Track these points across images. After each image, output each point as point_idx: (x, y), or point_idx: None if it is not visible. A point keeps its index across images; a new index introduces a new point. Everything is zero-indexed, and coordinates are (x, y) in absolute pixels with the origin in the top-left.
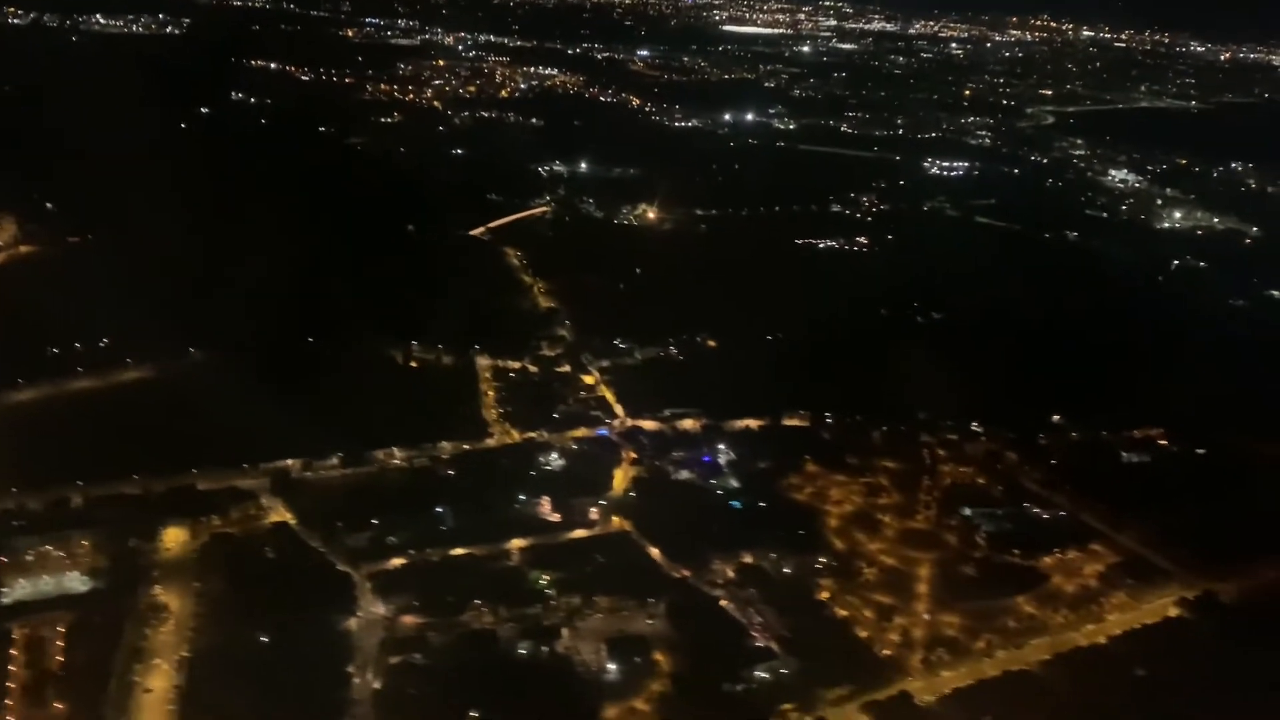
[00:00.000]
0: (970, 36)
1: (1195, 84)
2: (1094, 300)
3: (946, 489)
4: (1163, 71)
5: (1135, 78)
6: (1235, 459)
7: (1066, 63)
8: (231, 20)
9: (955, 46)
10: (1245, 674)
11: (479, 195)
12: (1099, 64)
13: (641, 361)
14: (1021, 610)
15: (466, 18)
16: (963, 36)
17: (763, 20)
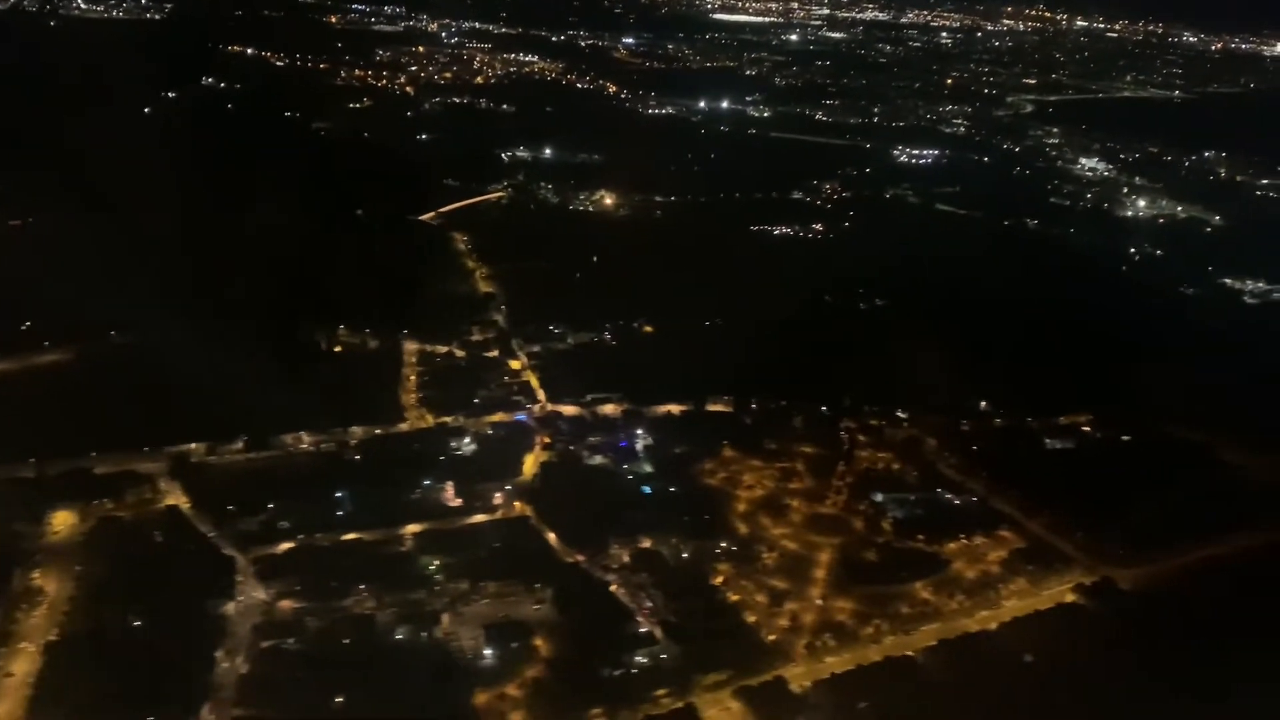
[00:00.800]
0: (962, 26)
1: (1182, 74)
2: (1042, 288)
3: (861, 474)
4: (1151, 61)
5: (1122, 67)
6: (1159, 446)
7: (1055, 52)
8: (214, 6)
9: (945, 36)
10: (1132, 661)
11: (436, 180)
12: (1087, 54)
13: (573, 347)
14: (917, 596)
15: (454, 5)
16: (955, 26)
17: (754, 9)
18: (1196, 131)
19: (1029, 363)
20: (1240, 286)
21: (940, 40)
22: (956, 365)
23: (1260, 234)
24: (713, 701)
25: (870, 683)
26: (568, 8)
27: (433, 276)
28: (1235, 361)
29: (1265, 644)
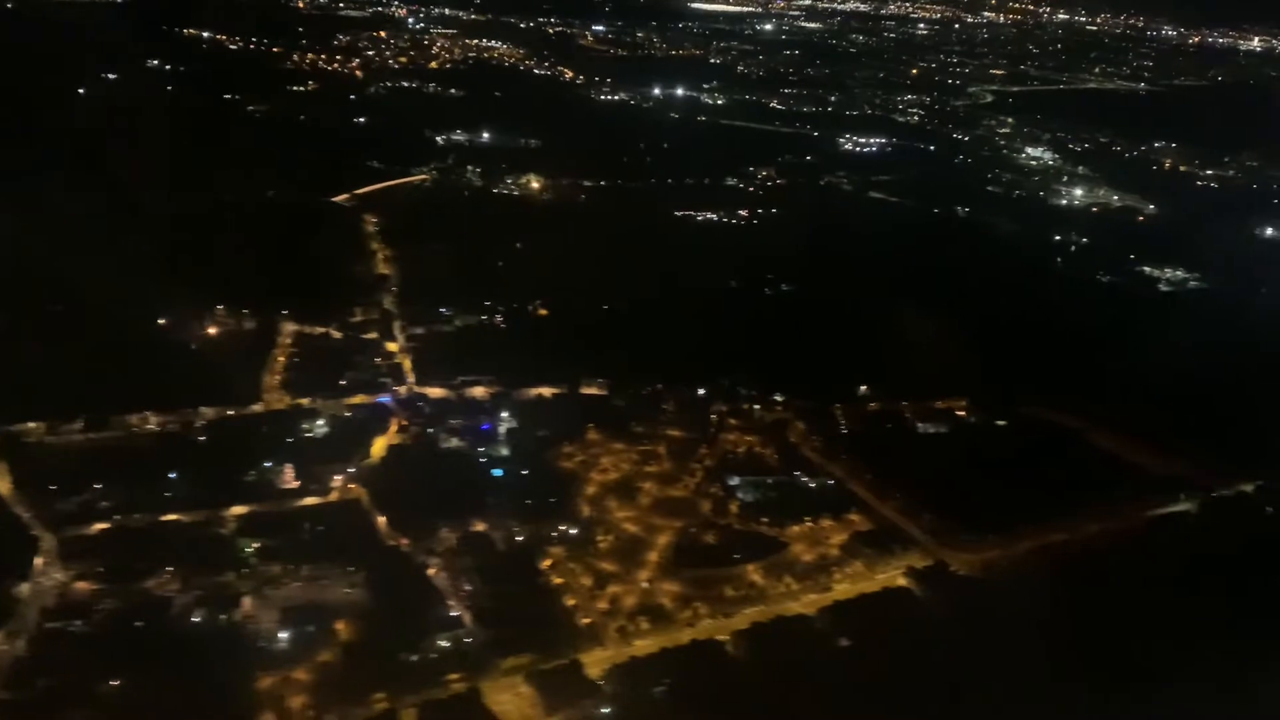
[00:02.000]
0: (942, 18)
1: (1153, 66)
2: (955, 274)
3: (722, 458)
4: (1124, 54)
5: (1094, 59)
6: (1033, 431)
7: (1029, 44)
8: None
9: (923, 27)
10: (949, 647)
11: (360, 163)
12: (1060, 46)
13: (458, 329)
14: (746, 579)
15: None
16: (934, 18)
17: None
18: (1152, 123)
19: (921, 347)
20: (1158, 274)
21: (916, 32)
22: (845, 349)
23: (1190, 224)
24: (505, 686)
25: (671, 666)
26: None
27: (330, 258)
28: (1131, 348)
29: (1078, 635)
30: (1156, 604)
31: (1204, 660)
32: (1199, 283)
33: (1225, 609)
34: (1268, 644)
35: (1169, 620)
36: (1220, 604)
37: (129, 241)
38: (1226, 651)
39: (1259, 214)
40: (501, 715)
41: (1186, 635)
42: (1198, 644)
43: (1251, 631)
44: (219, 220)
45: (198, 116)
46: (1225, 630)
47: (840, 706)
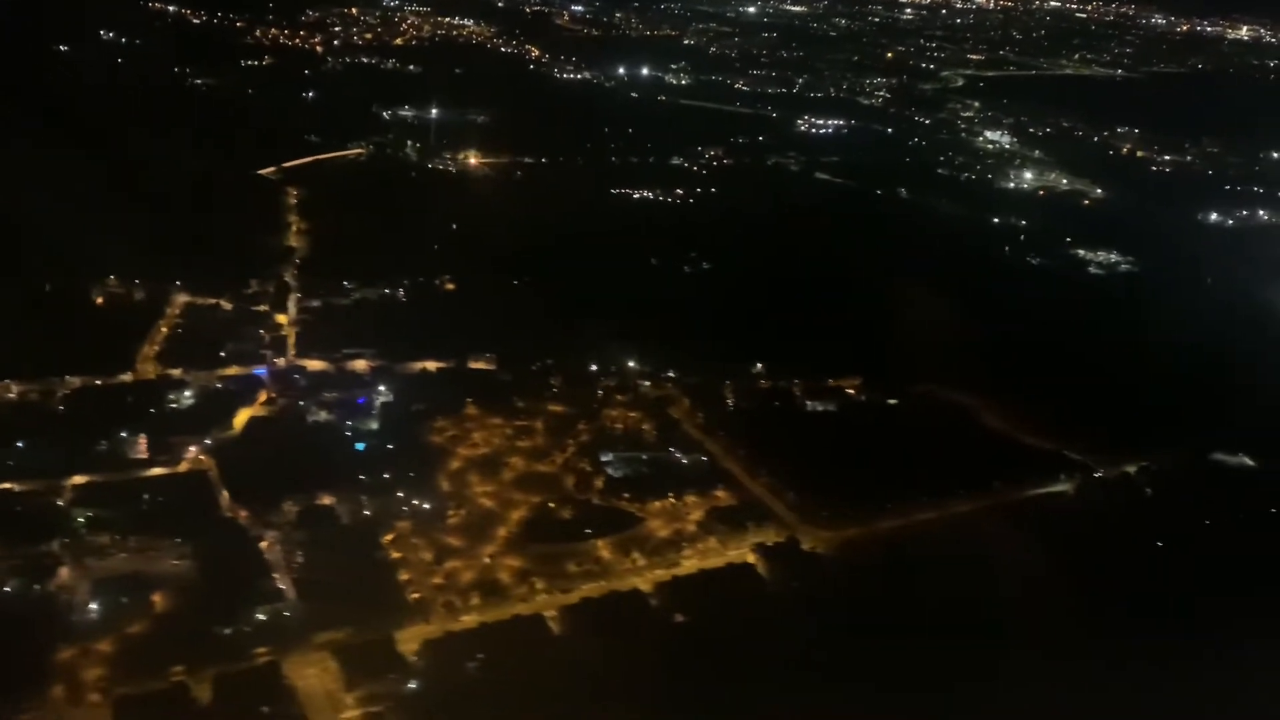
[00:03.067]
0: (930, 3)
1: (1134, 53)
2: (881, 254)
3: (599, 433)
4: (1106, 41)
5: (1076, 45)
6: (923, 410)
7: (1013, 30)
8: None
9: (909, 12)
10: (779, 624)
11: (298, 136)
12: (1044, 32)
13: (355, 302)
14: (593, 555)
15: None
16: (923, 3)
17: None
18: (1119, 109)
19: (827, 326)
20: (1091, 257)
21: (901, 16)
22: (750, 327)
23: (1136, 208)
24: (313, 660)
25: (488, 642)
26: None
27: (240, 230)
28: (1041, 329)
29: (908, 616)
30: (998, 587)
31: (1033, 646)
32: (1130, 266)
33: (1072, 591)
34: (1112, 627)
35: (1005, 603)
36: (1067, 586)
37: (32, 209)
38: (1065, 636)
39: (1207, 199)
40: (304, 689)
41: (1021, 619)
42: (1032, 628)
43: (1096, 615)
44: (131, 190)
45: (138, 89)
46: (1067, 614)
47: (649, 682)
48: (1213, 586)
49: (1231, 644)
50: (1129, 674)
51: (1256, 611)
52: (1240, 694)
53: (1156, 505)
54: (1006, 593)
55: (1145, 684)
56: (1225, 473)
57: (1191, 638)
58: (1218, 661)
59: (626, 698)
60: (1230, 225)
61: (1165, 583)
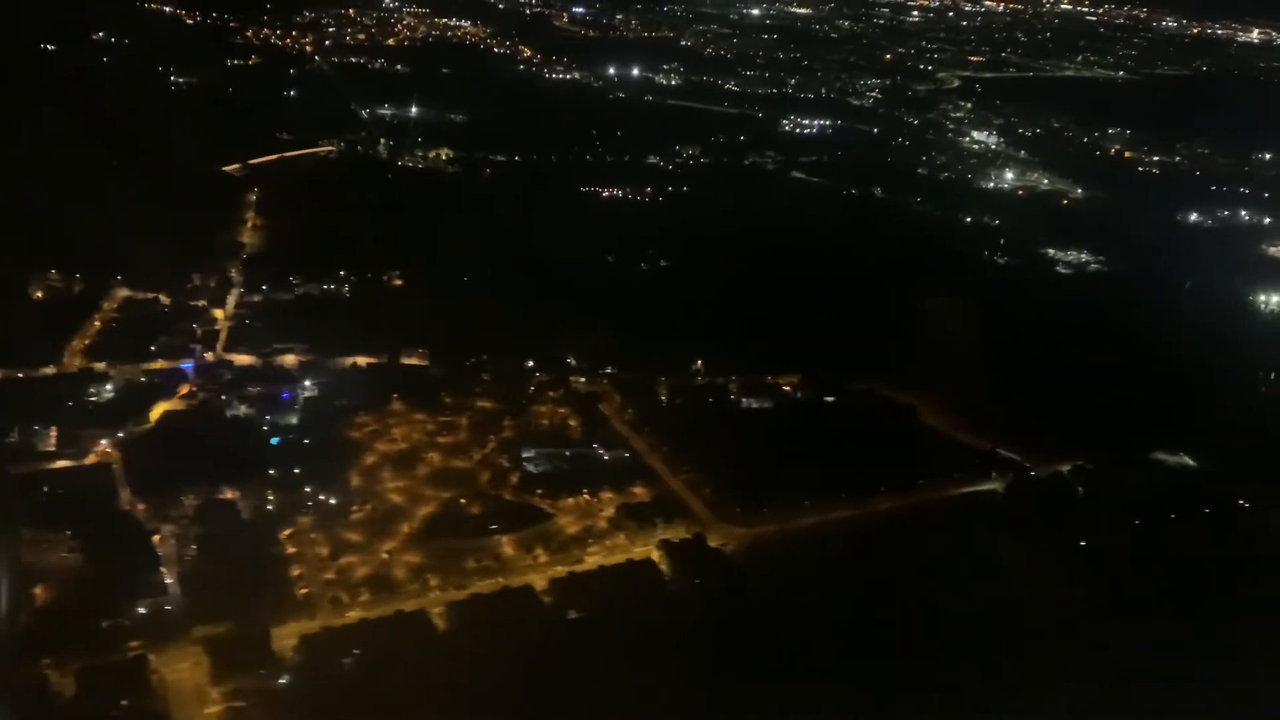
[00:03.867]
0: (939, 6)
1: (1139, 56)
2: (843, 253)
3: (524, 429)
4: (1113, 43)
5: (1080, 48)
6: (860, 408)
7: (1019, 33)
8: None
9: (916, 14)
10: (677, 622)
11: (270, 134)
12: (1049, 34)
13: (297, 297)
14: (495, 551)
15: None
16: (931, 6)
17: None
18: (1114, 110)
19: (778, 323)
20: (1060, 257)
21: (907, 19)
22: (697, 324)
23: (1114, 208)
24: (187, 655)
25: (368, 638)
26: None
27: (194, 225)
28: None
29: (809, 618)
30: (901, 586)
31: (926, 647)
32: (1099, 266)
33: (975, 590)
34: (1017, 630)
35: (904, 603)
36: (973, 585)
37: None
38: (960, 637)
39: (1189, 199)
40: (174, 683)
41: (917, 618)
42: (928, 628)
43: (994, 614)
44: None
45: (117, 86)
46: (966, 614)
47: (529, 678)
48: (1121, 585)
49: (1126, 647)
50: (1021, 674)
51: (1158, 613)
52: (1140, 695)
53: (1084, 504)
54: (907, 592)
55: (1036, 685)
56: (1163, 472)
57: (1080, 639)
58: (1107, 665)
59: (499, 694)
60: (1210, 225)
61: (1074, 582)
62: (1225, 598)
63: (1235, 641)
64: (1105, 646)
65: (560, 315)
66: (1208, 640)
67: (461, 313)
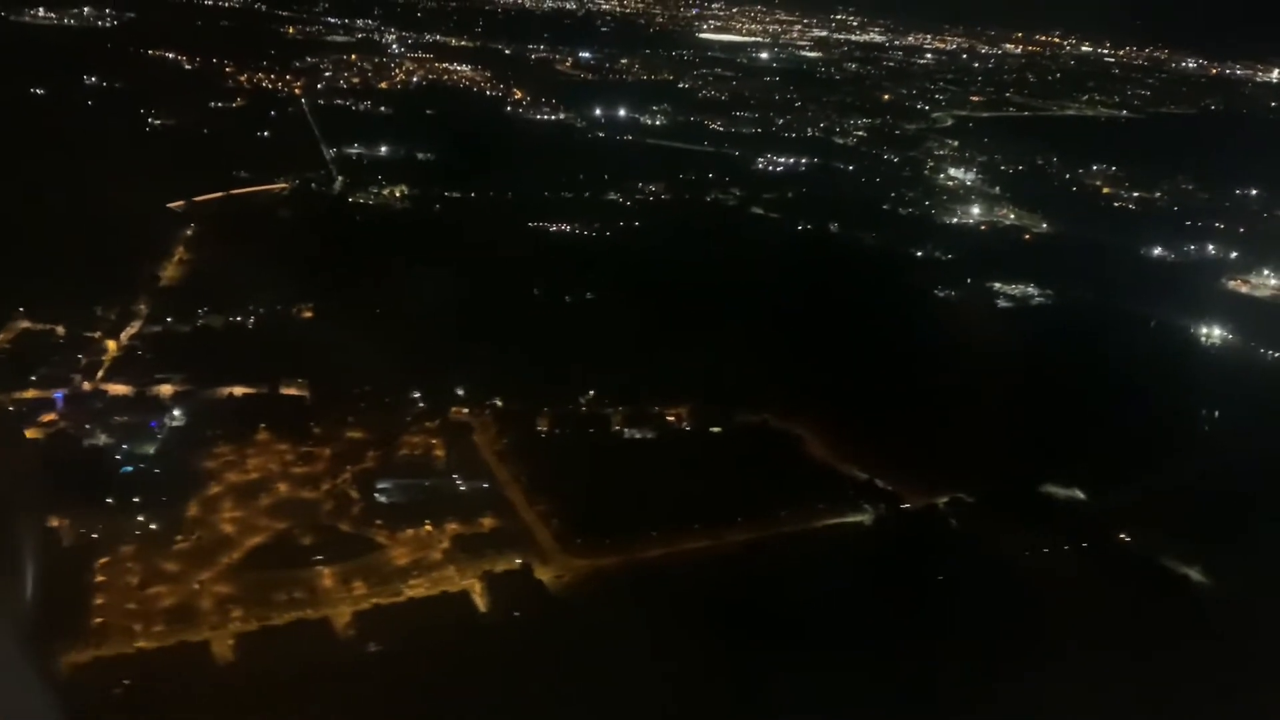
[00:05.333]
0: (958, 49)
1: (1149, 96)
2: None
3: (388, 460)
4: (1124, 84)
5: (1090, 88)
6: (746, 438)
7: (1029, 74)
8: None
9: (929, 57)
10: (480, 654)
11: (228, 172)
12: (1059, 75)
13: (196, 329)
14: (313, 583)
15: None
16: (948, 49)
17: (747, 30)
18: (1105, 148)
19: (687, 355)
20: (1004, 290)
21: (918, 62)
22: (603, 355)
23: (1076, 242)
24: None
25: (137, 670)
26: (556, 26)
27: (117, 259)
28: (913, 361)
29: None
30: (727, 621)
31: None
32: (1043, 299)
33: (807, 626)
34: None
35: (728, 637)
36: (807, 619)
37: None
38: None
39: (1158, 235)
40: None
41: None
42: (754, 663)
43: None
44: (13, 220)
45: (91, 127)
46: (797, 649)
47: (302, 709)
48: (952, 620)
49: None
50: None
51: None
52: None
53: (953, 538)
54: (736, 627)
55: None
56: (1048, 506)
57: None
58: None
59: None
60: (1172, 260)
61: (905, 615)
62: (1050, 635)
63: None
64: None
65: (465, 347)
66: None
67: (361, 344)
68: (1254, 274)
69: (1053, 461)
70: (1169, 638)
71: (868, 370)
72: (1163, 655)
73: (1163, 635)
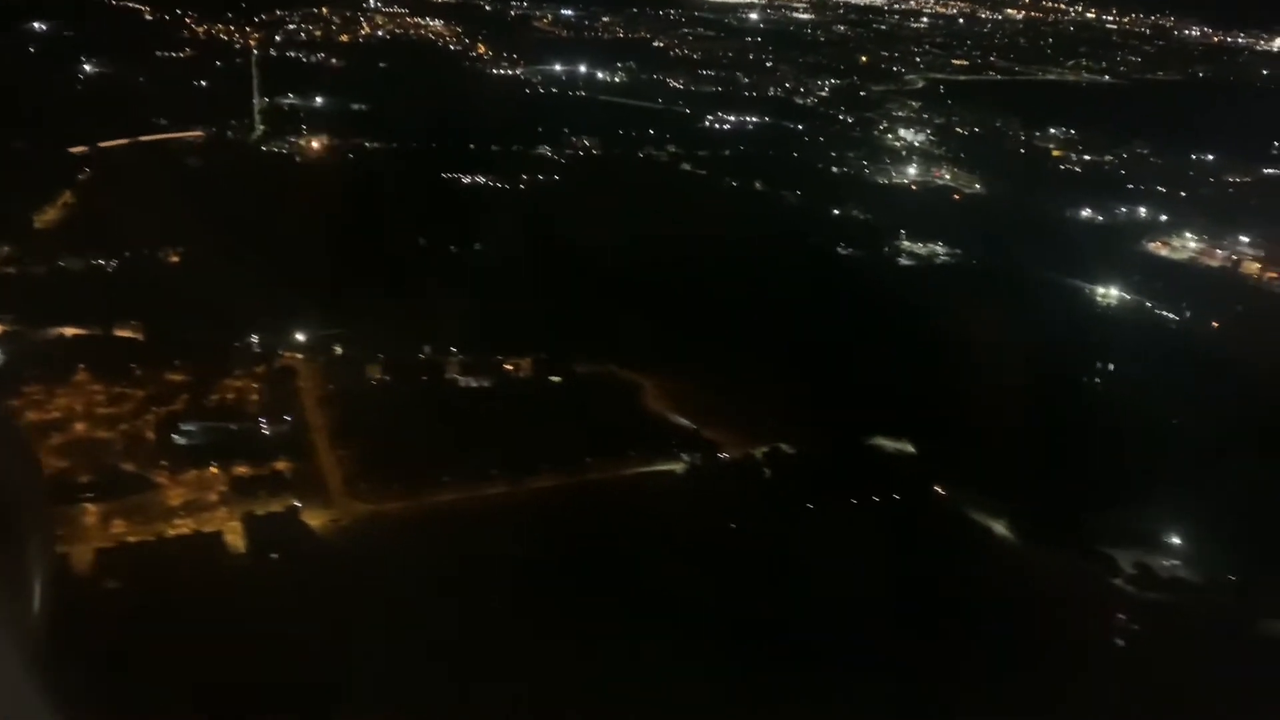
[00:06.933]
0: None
1: (1139, 62)
2: (672, 242)
3: (199, 402)
4: (1117, 50)
5: (1080, 54)
6: (587, 387)
7: (1020, 39)
8: None
9: (925, 21)
10: (232, 597)
11: (146, 119)
12: (1052, 40)
13: (48, 271)
14: (75, 519)
15: None
16: (947, 13)
17: None
18: (1070, 112)
19: (558, 307)
20: (912, 248)
21: (911, 25)
22: (467, 306)
23: (1005, 204)
24: None
25: None
26: None
27: None
28: (787, 316)
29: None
30: (501, 569)
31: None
32: (948, 258)
33: (578, 580)
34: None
35: (488, 587)
36: (581, 573)
37: None
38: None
39: (1094, 197)
40: None
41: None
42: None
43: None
44: None
45: (21, 73)
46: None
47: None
48: (731, 572)
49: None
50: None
51: (754, 602)
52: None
53: (761, 487)
54: (499, 576)
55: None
56: (873, 458)
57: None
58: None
59: None
60: (1099, 221)
61: (694, 566)
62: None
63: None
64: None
65: (326, 295)
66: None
67: (217, 289)
68: (1176, 237)
69: (894, 415)
70: (938, 589)
71: (733, 324)
72: (924, 606)
73: (933, 586)
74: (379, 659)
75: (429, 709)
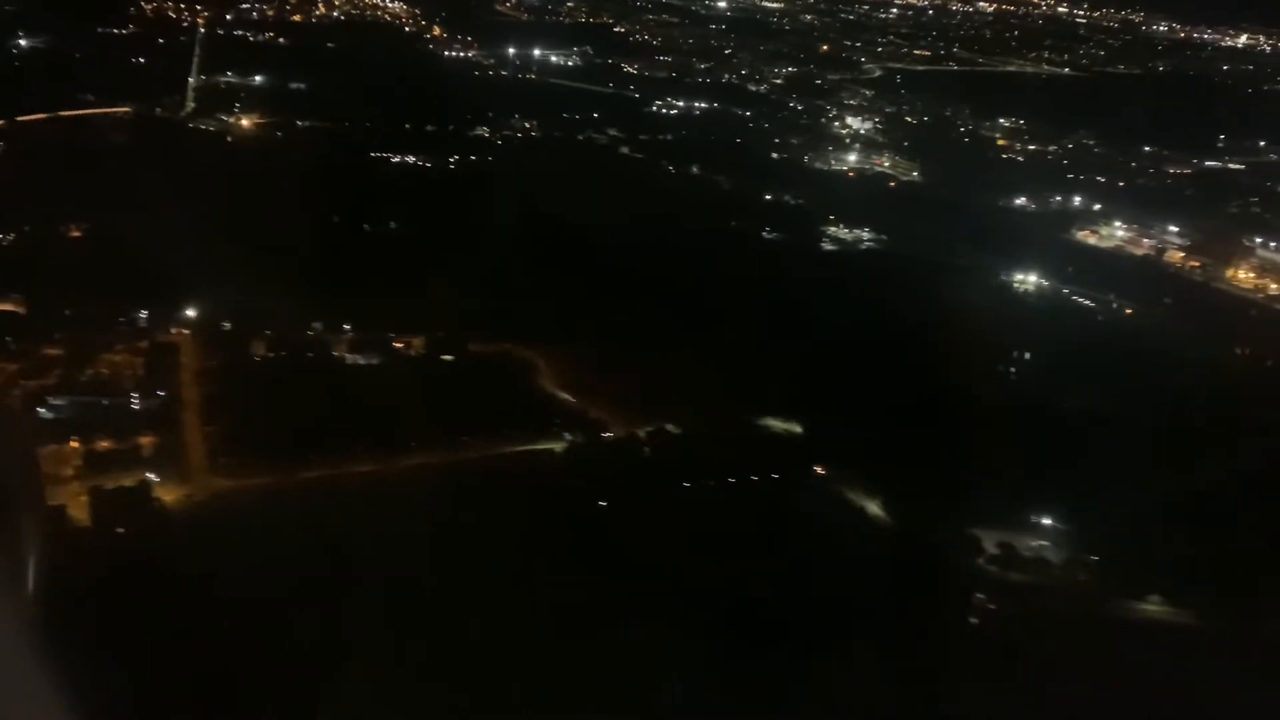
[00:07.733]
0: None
1: (1102, 56)
2: (595, 228)
3: (73, 377)
4: (1082, 44)
5: (1045, 46)
6: (478, 367)
7: (985, 31)
8: None
9: (894, 12)
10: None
11: (73, 95)
12: (1018, 33)
13: None
14: None
15: None
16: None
17: None
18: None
19: (466, 285)
20: (837, 234)
21: (880, 16)
22: (368, 284)
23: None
24: None
25: None
26: None
27: None
28: (688, 298)
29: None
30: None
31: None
32: (872, 244)
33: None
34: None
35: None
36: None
37: None
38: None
39: (1030, 186)
40: None
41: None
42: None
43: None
44: None
45: None
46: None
47: None
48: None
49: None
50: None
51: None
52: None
53: (640, 467)
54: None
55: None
56: (758, 438)
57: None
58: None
59: None
60: (1032, 210)
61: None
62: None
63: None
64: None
65: (225, 271)
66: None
67: (112, 265)
68: (1105, 225)
69: (788, 397)
70: (802, 568)
71: (640, 305)
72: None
73: (796, 566)
74: (196, 631)
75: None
